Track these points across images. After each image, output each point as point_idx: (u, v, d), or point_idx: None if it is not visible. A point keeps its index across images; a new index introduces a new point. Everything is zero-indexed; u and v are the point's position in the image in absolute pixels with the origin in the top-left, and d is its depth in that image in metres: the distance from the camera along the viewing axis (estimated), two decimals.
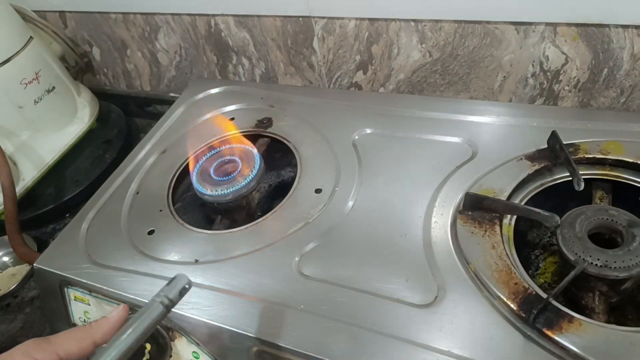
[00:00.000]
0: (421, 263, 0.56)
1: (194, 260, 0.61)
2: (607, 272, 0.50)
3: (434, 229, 0.59)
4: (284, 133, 0.77)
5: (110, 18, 1.00)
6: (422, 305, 0.52)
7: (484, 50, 0.74)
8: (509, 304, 0.49)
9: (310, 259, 0.58)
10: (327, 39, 0.83)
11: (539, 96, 0.76)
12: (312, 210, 0.64)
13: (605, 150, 0.62)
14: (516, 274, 0.52)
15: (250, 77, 0.97)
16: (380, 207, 0.63)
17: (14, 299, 0.77)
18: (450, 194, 0.62)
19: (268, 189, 0.78)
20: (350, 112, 0.78)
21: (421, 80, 0.81)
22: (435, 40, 0.75)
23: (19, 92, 0.87)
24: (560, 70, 0.72)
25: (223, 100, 0.87)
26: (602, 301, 0.52)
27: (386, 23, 0.76)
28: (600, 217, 0.55)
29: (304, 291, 0.55)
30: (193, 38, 0.95)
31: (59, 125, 0.96)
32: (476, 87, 0.78)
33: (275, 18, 0.84)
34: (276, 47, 0.88)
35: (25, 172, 0.88)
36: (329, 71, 0.87)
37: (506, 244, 0.56)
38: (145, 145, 0.82)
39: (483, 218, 0.58)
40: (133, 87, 1.13)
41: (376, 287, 0.54)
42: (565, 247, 0.52)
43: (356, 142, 0.73)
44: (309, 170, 0.70)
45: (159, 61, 1.03)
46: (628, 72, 0.68)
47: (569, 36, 0.68)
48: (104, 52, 1.08)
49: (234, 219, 0.70)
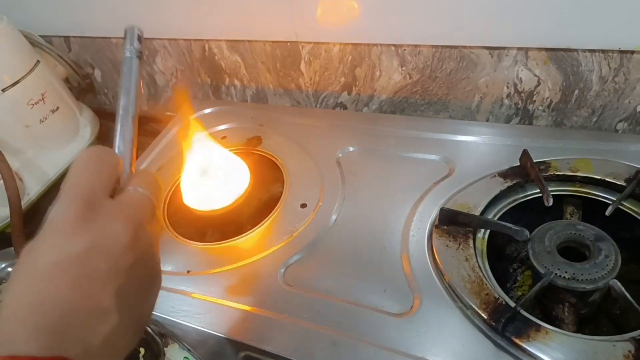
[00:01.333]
0: (399, 274, 0.58)
1: (186, 271, 0.64)
2: (574, 284, 0.52)
3: (412, 242, 0.62)
4: (273, 151, 0.80)
5: (112, 42, 1.03)
6: (399, 314, 0.55)
7: (461, 72, 0.77)
8: (480, 313, 0.52)
9: (295, 271, 0.61)
10: (314, 62, 0.86)
11: (515, 115, 0.79)
12: (297, 224, 0.67)
13: (574, 168, 0.65)
14: (487, 285, 0.54)
15: (241, 97, 1.00)
16: (362, 222, 0.66)
17: None
18: (427, 209, 0.65)
19: (257, 204, 0.81)
20: (335, 131, 0.81)
21: (402, 101, 0.84)
22: (414, 64, 0.79)
23: (26, 112, 0.90)
24: (533, 91, 0.75)
25: (216, 120, 0.90)
26: (571, 312, 0.55)
27: (368, 47, 0.80)
28: (568, 231, 0.57)
29: (288, 300, 0.58)
30: (188, 61, 0.99)
31: (62, 143, 0.99)
32: (455, 107, 0.81)
33: (265, 43, 0.87)
34: (266, 69, 0.92)
35: (30, 187, 0.92)
36: (316, 92, 0.90)
37: (479, 257, 0.59)
38: (142, 163, 0.85)
39: (457, 232, 0.61)
40: None
41: (356, 297, 0.57)
42: (536, 260, 0.55)
43: (340, 159, 0.76)
44: (295, 186, 0.73)
45: (156, 82, 1.07)
46: (598, 93, 0.72)
47: (540, 60, 0.71)
48: (105, 74, 1.12)
49: (223, 232, 0.72)
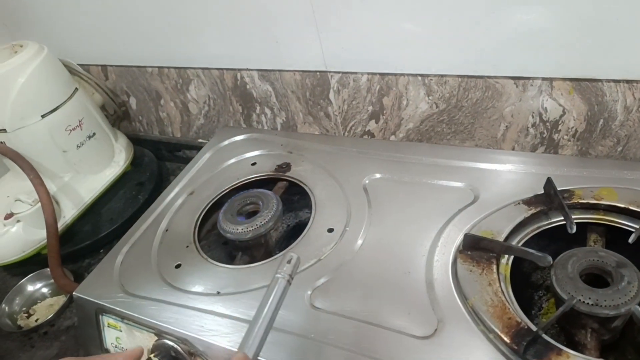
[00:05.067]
0: (423, 298, 0.60)
1: (216, 292, 0.66)
2: (597, 310, 0.52)
3: (436, 267, 0.63)
4: (301, 177, 0.82)
5: (147, 71, 1.08)
6: (423, 337, 0.55)
7: (487, 102, 0.78)
8: (502, 337, 0.53)
9: (321, 293, 0.63)
10: (342, 91, 0.88)
11: (540, 145, 0.80)
12: (324, 248, 0.69)
13: (598, 196, 0.65)
14: (510, 309, 0.55)
15: (272, 125, 1.02)
16: (387, 246, 0.67)
17: (50, 328, 0.82)
18: (452, 235, 0.66)
19: (285, 228, 0.83)
20: (362, 158, 0.83)
21: (429, 129, 0.86)
22: (441, 93, 0.80)
23: (64, 138, 0.94)
24: (558, 120, 0.76)
25: (246, 147, 0.93)
26: (594, 338, 0.55)
27: (396, 77, 0.82)
28: (590, 258, 0.58)
29: (314, 322, 0.59)
30: (221, 90, 1.02)
31: (98, 168, 1.02)
32: (480, 136, 0.83)
33: (295, 72, 0.90)
34: (296, 98, 0.95)
35: (65, 211, 0.95)
36: (344, 120, 0.93)
37: (502, 282, 0.60)
38: (175, 188, 0.88)
39: (481, 257, 0.62)
40: (165, 133, 1.19)
41: (381, 319, 0.58)
42: (558, 286, 0.56)
43: (367, 186, 0.78)
44: (322, 211, 0.75)
45: (189, 110, 1.10)
46: (622, 123, 0.72)
47: (564, 90, 0.72)
48: (140, 102, 1.16)
49: (253, 255, 0.75)
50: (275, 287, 0.50)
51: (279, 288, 0.50)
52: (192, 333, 0.61)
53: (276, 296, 0.50)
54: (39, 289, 0.91)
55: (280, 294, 0.50)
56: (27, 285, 0.91)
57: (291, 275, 0.52)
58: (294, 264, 0.52)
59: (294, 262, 0.52)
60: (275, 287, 0.50)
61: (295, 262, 0.53)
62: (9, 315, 0.86)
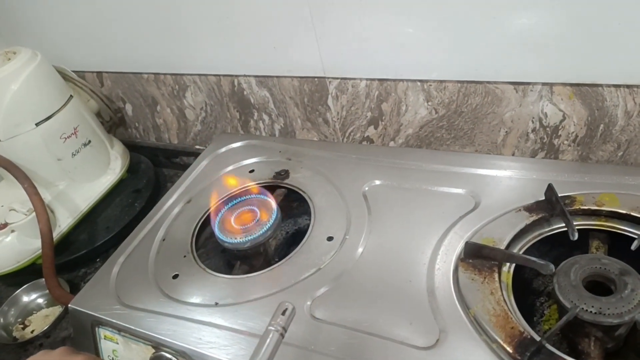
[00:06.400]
0: (424, 307, 0.59)
1: (214, 303, 0.65)
2: (601, 318, 0.52)
3: (437, 275, 0.62)
4: (300, 184, 0.82)
5: (143, 78, 1.07)
6: (425, 347, 0.55)
7: (486, 107, 0.78)
8: (505, 347, 0.52)
9: (321, 303, 0.62)
10: (341, 97, 0.88)
11: (541, 150, 0.79)
12: (323, 257, 0.68)
13: (600, 202, 0.65)
14: (512, 318, 0.54)
15: (270, 132, 1.02)
16: (388, 255, 0.66)
17: (46, 339, 0.81)
18: (453, 242, 0.66)
19: (284, 236, 0.82)
20: (361, 165, 0.82)
21: (428, 135, 0.85)
22: (440, 99, 0.80)
23: (59, 146, 0.93)
24: (558, 126, 0.75)
25: (244, 154, 0.93)
26: (597, 346, 0.54)
27: (394, 83, 0.81)
28: (593, 265, 0.57)
29: (314, 333, 0.59)
30: (218, 96, 1.01)
31: (93, 175, 1.01)
32: (480, 142, 0.82)
33: (293, 78, 0.90)
34: (294, 104, 0.94)
35: (61, 220, 0.94)
36: (343, 126, 0.92)
37: (504, 291, 0.59)
38: (172, 195, 0.87)
39: (483, 266, 0.61)
40: (162, 140, 1.19)
41: (382, 329, 0.57)
42: (561, 294, 0.55)
43: (366, 193, 0.77)
44: (322, 219, 0.74)
45: (186, 117, 1.09)
46: (623, 128, 0.72)
47: (564, 95, 0.72)
48: (136, 108, 1.15)
49: (251, 264, 0.74)
50: (267, 339, 0.48)
51: (271, 341, 0.48)
52: (190, 345, 0.61)
53: (268, 349, 0.48)
54: (35, 299, 0.90)
55: (273, 347, 0.48)
56: (23, 295, 0.89)
57: (284, 328, 0.49)
58: (288, 315, 0.50)
59: (289, 314, 0.50)
60: (267, 340, 0.48)
61: (290, 314, 0.50)
62: (4, 326, 0.85)
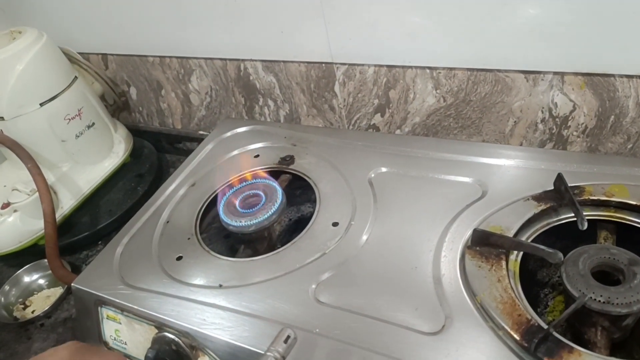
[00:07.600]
0: (430, 294, 0.58)
1: (218, 285, 0.65)
2: (609, 308, 0.51)
3: (443, 262, 0.62)
4: (305, 170, 0.81)
5: (148, 61, 1.06)
6: (430, 333, 0.54)
7: (495, 96, 0.77)
8: (512, 334, 0.52)
9: (326, 287, 0.62)
10: (348, 84, 0.87)
11: (549, 141, 0.79)
12: (328, 242, 0.68)
13: (609, 193, 0.64)
14: (520, 306, 0.54)
15: (275, 117, 1.01)
16: (393, 241, 0.66)
17: (47, 320, 0.81)
18: (459, 230, 0.65)
19: (289, 221, 0.82)
20: (367, 152, 0.82)
21: (436, 124, 0.85)
22: (449, 87, 0.79)
23: (63, 127, 0.93)
24: (568, 116, 0.75)
25: (249, 139, 0.92)
26: (604, 336, 0.54)
27: (403, 70, 0.81)
28: (602, 255, 0.57)
29: (319, 316, 0.58)
30: (223, 81, 1.01)
31: (96, 158, 1.01)
32: (488, 131, 0.82)
33: (300, 64, 0.89)
34: (300, 90, 0.93)
35: (63, 201, 0.94)
36: (349, 113, 0.91)
37: (511, 278, 0.59)
38: (176, 179, 0.87)
39: (490, 253, 0.61)
40: (165, 124, 1.18)
41: (387, 314, 0.57)
42: (569, 283, 0.54)
43: (372, 180, 0.76)
44: (327, 205, 0.74)
45: (190, 101, 1.09)
46: (634, 120, 0.71)
47: (576, 85, 0.71)
48: (140, 92, 1.14)
49: (256, 248, 0.74)
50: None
51: None
52: (194, 326, 0.60)
53: None
54: (36, 280, 0.90)
55: None
56: (24, 276, 0.89)
57: (283, 356, 0.48)
58: (289, 344, 0.48)
59: (290, 343, 0.49)
60: None
61: (291, 343, 0.49)
62: (5, 306, 0.85)
